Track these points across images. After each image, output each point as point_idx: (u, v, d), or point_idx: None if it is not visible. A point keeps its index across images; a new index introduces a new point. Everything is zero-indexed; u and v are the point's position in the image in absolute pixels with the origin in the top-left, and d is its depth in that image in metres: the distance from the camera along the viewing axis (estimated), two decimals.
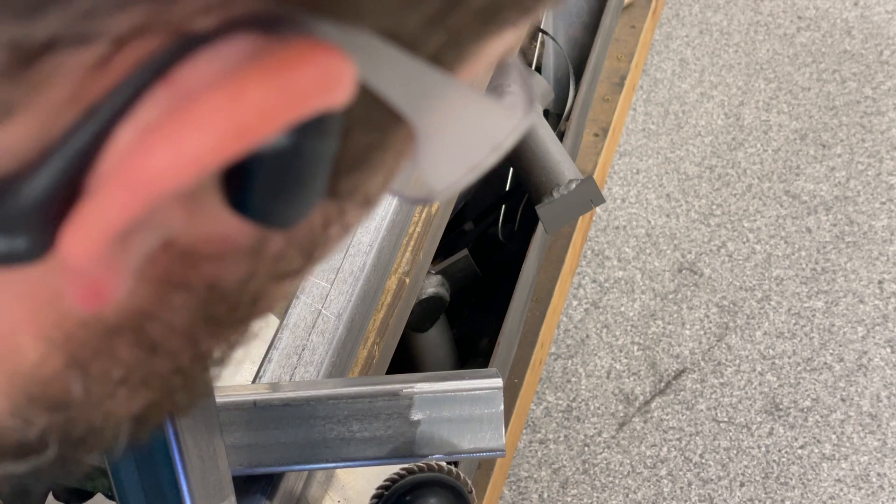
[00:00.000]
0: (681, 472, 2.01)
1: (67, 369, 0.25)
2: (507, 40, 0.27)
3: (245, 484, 0.86)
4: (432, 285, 1.63)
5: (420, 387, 0.82)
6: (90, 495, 0.79)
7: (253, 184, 0.23)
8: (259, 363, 0.99)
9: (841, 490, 1.98)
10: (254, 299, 0.27)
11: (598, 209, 2.35)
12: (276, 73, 0.21)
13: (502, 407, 0.82)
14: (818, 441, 2.04)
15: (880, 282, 2.26)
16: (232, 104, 0.20)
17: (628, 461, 2.02)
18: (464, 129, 0.26)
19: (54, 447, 0.27)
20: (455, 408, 0.82)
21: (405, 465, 0.76)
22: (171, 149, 0.20)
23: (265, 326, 1.08)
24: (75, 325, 0.24)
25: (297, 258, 0.27)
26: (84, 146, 0.21)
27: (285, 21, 0.21)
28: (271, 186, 0.23)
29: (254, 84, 0.20)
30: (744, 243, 2.33)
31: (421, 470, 0.76)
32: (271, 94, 0.21)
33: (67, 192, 0.21)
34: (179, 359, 0.27)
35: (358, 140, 0.25)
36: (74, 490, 0.77)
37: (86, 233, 0.21)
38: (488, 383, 0.83)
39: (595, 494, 1.98)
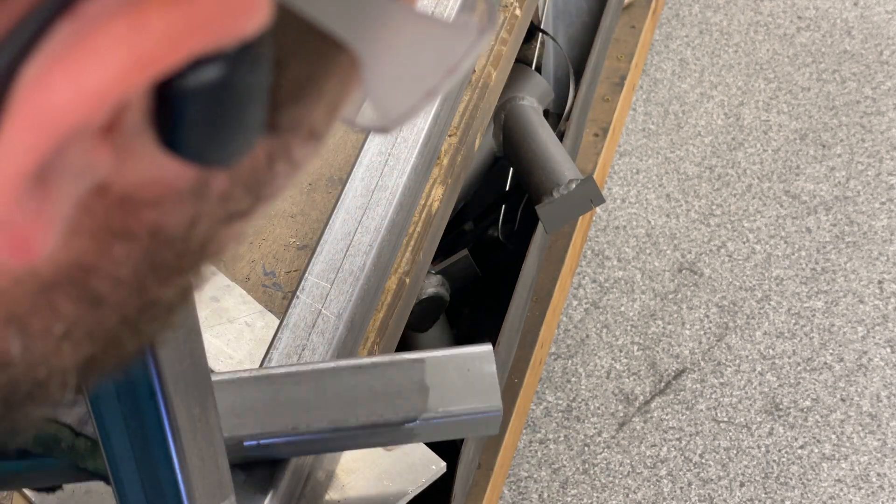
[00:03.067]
0: (681, 472, 2.01)
1: (4, 327, 0.24)
2: None
3: (244, 483, 0.86)
4: (432, 285, 1.63)
5: (417, 355, 0.84)
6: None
7: (184, 121, 0.22)
8: (259, 363, 0.99)
9: (841, 490, 1.98)
10: (202, 243, 0.26)
11: (598, 209, 2.35)
12: None
13: (501, 406, 0.83)
14: (818, 441, 2.04)
15: (880, 282, 2.26)
16: (132, 33, 0.19)
17: (628, 461, 2.02)
18: (413, 52, 0.25)
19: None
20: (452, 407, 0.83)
21: None
22: (71, 82, 0.19)
23: (265, 327, 1.09)
24: (8, 281, 0.23)
25: (245, 198, 0.26)
26: None
27: None
28: (203, 123, 0.22)
29: (155, 11, 0.19)
30: (744, 243, 2.33)
31: None
32: (174, 22, 0.20)
33: None
34: (126, 309, 0.26)
35: (294, 70, 0.24)
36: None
37: None
38: (479, 347, 0.85)
39: (595, 494, 1.98)
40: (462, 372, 0.83)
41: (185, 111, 0.22)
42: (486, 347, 0.85)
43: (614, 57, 2.38)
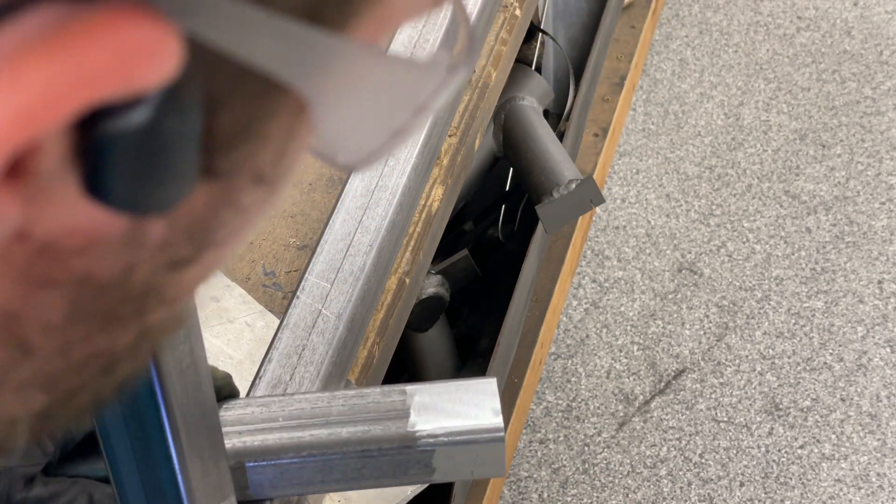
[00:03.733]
0: (680, 472, 2.01)
1: None
2: None
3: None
4: (432, 285, 1.63)
5: (426, 433, 0.82)
6: None
7: (107, 168, 0.21)
8: (259, 363, 0.99)
9: (840, 490, 1.98)
10: (145, 291, 0.25)
11: (598, 209, 2.35)
12: (63, 48, 0.19)
13: (504, 449, 0.83)
14: (818, 441, 2.04)
15: (880, 282, 2.26)
16: (9, 87, 0.19)
17: (628, 461, 2.02)
18: (372, 92, 0.24)
19: None
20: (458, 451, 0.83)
21: None
22: None
23: (265, 327, 1.09)
24: None
25: (187, 246, 0.25)
26: None
27: None
28: (128, 170, 0.21)
29: (36, 63, 0.19)
30: (743, 243, 2.33)
31: None
32: (58, 74, 0.19)
33: None
34: (68, 357, 0.25)
35: (231, 113, 0.23)
36: None
37: None
38: (490, 424, 0.83)
39: (595, 494, 1.98)
40: (471, 455, 0.83)
41: (107, 158, 0.21)
42: (499, 431, 0.84)
43: (614, 57, 2.38)
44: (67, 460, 0.83)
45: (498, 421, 0.83)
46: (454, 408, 0.84)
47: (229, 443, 0.80)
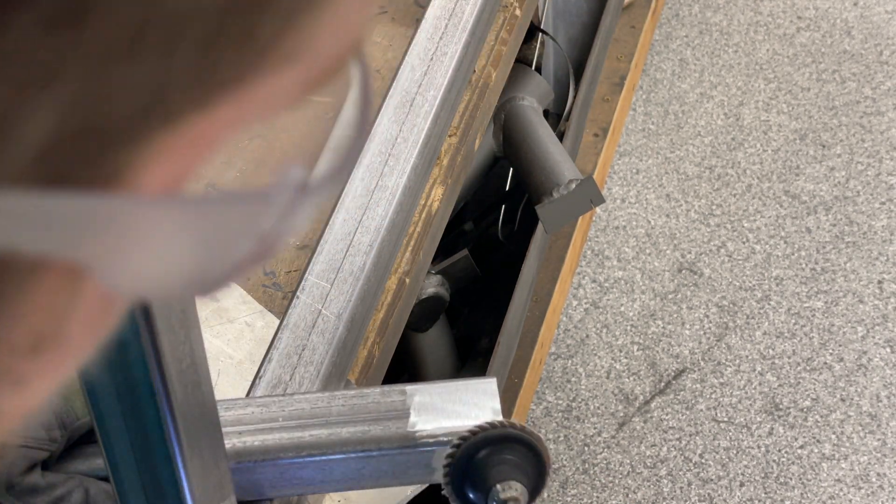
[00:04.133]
0: (680, 472, 2.01)
1: None
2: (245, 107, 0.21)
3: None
4: (432, 285, 1.63)
5: (426, 433, 0.82)
6: None
7: None
8: (259, 363, 0.99)
9: (840, 490, 1.98)
10: None
11: (598, 209, 2.35)
12: None
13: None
14: (818, 441, 2.04)
15: (880, 282, 2.26)
16: None
17: (628, 461, 2.02)
18: (183, 234, 0.20)
19: None
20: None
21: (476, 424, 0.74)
22: None
23: (265, 327, 1.08)
24: None
25: None
26: None
27: None
28: None
29: None
30: (743, 243, 2.33)
31: (492, 427, 0.74)
32: None
33: None
34: None
35: None
36: None
37: None
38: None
39: (595, 494, 1.98)
40: None
41: None
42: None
43: (614, 57, 2.38)
44: (67, 458, 0.83)
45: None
46: (454, 408, 0.83)
47: (229, 443, 0.80)
